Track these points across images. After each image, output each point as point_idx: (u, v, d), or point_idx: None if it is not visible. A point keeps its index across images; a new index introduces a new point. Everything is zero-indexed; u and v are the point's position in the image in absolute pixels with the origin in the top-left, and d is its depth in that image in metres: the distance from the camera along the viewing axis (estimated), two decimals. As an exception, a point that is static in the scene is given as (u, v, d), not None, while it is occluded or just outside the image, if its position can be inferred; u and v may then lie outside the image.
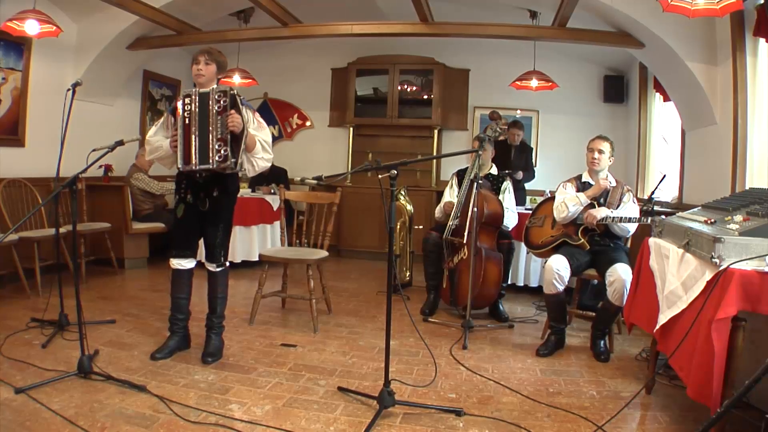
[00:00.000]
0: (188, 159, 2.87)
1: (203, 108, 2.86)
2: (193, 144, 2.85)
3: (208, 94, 2.87)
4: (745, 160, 3.68)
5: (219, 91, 2.87)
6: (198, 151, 2.85)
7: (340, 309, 4.24)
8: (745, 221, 2.14)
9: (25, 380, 2.56)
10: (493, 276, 3.98)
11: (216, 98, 2.86)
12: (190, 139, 2.86)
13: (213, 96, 2.87)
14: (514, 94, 6.09)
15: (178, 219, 3.07)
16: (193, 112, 2.86)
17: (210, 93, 2.87)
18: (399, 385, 2.73)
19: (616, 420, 2.41)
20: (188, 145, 2.87)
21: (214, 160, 2.83)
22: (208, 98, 2.87)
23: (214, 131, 2.84)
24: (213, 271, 3.12)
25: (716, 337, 1.92)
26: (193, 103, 2.87)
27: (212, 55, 2.99)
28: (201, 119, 2.85)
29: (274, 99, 7.30)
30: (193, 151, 2.85)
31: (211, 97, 2.86)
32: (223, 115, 2.84)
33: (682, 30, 4.08)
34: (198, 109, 2.86)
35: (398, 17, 5.37)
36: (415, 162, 4.74)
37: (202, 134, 2.85)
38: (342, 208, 5.40)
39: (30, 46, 4.75)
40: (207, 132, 2.84)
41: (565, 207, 3.53)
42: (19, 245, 4.14)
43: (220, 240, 3.09)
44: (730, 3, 2.84)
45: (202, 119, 2.85)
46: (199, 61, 2.96)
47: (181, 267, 3.08)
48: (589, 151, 3.59)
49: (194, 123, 2.86)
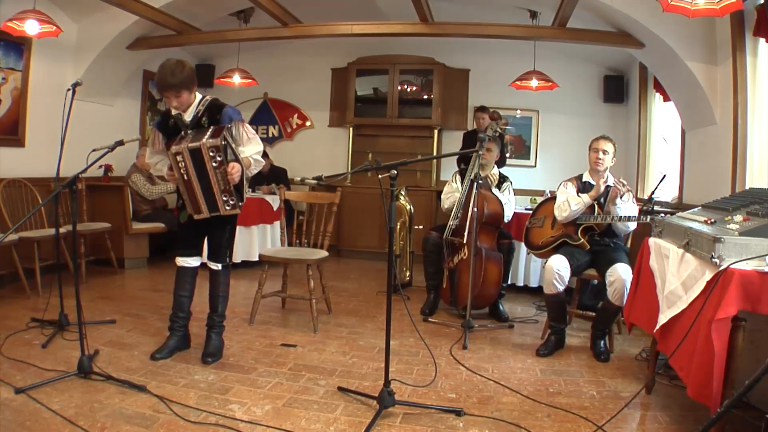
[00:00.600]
0: (198, 209, 2.87)
1: (199, 165, 2.77)
2: (199, 197, 2.84)
3: (200, 151, 2.74)
4: (745, 160, 3.67)
5: (211, 147, 2.74)
6: (206, 202, 2.85)
7: (340, 309, 4.24)
8: (745, 221, 2.14)
9: (25, 380, 2.56)
10: (493, 276, 3.98)
11: (210, 155, 2.75)
12: (195, 193, 2.84)
13: (206, 153, 2.74)
14: (514, 94, 6.09)
15: (180, 224, 3.07)
16: (190, 170, 2.78)
17: (201, 149, 2.73)
18: (399, 385, 2.73)
19: (616, 420, 2.41)
20: (194, 198, 2.85)
21: (225, 208, 2.87)
22: (201, 155, 2.75)
23: (217, 185, 2.81)
24: (215, 270, 3.11)
25: (716, 337, 1.92)
26: (186, 160, 2.77)
27: (176, 87, 2.78)
28: (200, 176, 2.79)
29: (274, 99, 7.30)
30: (201, 203, 2.85)
31: (205, 154, 2.74)
32: (221, 168, 2.77)
33: (682, 30, 4.08)
34: (194, 167, 2.78)
35: (398, 17, 5.37)
36: (415, 162, 4.74)
37: (206, 188, 2.82)
38: (342, 208, 5.41)
39: (30, 46, 4.75)
40: (210, 187, 2.81)
41: (567, 206, 3.53)
42: (19, 245, 4.14)
43: (227, 240, 3.10)
44: (730, 3, 2.84)
45: (201, 176, 2.79)
46: (169, 98, 2.83)
47: (187, 264, 3.08)
48: (593, 151, 3.58)
49: (194, 179, 2.80)
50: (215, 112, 2.91)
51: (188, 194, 2.86)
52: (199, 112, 2.92)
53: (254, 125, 7.33)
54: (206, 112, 2.91)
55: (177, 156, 2.77)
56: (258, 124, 7.32)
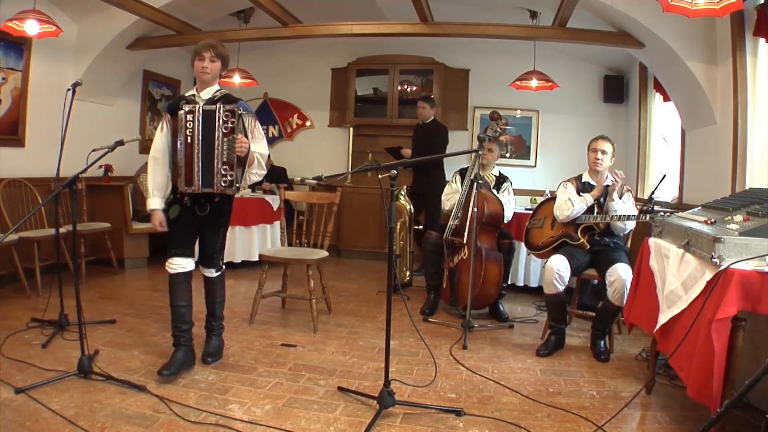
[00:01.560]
0: (190, 180, 2.71)
1: (208, 128, 2.68)
2: (195, 165, 2.69)
3: (214, 114, 2.68)
4: (745, 160, 3.67)
5: (227, 111, 2.68)
6: (202, 174, 2.70)
7: (340, 309, 4.24)
8: (745, 221, 2.14)
9: (25, 380, 2.56)
10: (493, 276, 3.98)
11: (224, 119, 2.67)
12: (193, 160, 2.69)
13: (219, 115, 2.68)
14: (514, 94, 6.08)
15: (171, 219, 2.89)
16: (197, 131, 2.68)
17: (216, 112, 2.68)
18: (399, 385, 2.73)
19: (616, 420, 2.41)
20: (191, 166, 2.69)
21: (219, 185, 2.71)
22: (213, 118, 2.68)
23: (220, 155, 2.68)
24: (211, 277, 3.02)
25: (716, 337, 1.92)
26: (196, 121, 2.68)
27: (218, 50, 2.78)
28: (206, 140, 2.68)
29: (274, 99, 7.30)
30: (196, 173, 2.70)
31: (218, 117, 2.67)
32: (230, 137, 2.67)
33: (682, 30, 4.08)
34: (202, 129, 2.68)
35: (398, 17, 5.36)
36: (415, 162, 4.77)
37: (207, 156, 2.69)
38: (342, 208, 5.40)
39: (30, 46, 4.74)
40: (212, 155, 2.68)
41: (570, 205, 3.52)
42: (19, 245, 4.14)
43: (220, 245, 3.00)
44: (730, 3, 2.84)
45: (207, 140, 2.68)
46: (203, 57, 2.74)
47: (182, 269, 2.86)
48: (592, 151, 3.59)
49: (197, 143, 2.68)
50: (229, 101, 2.80)
51: (186, 161, 2.69)
52: (215, 98, 2.81)
53: (254, 125, 7.35)
54: (222, 100, 2.79)
55: (188, 115, 2.67)
56: (258, 124, 7.32)
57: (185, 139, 2.69)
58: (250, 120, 2.81)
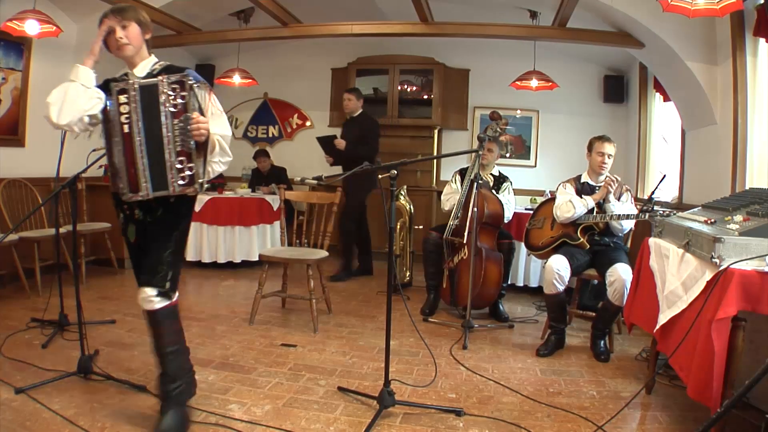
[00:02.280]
0: (136, 185, 2.03)
1: (151, 110, 2.00)
2: (140, 164, 2.01)
3: (156, 89, 2.00)
4: (745, 160, 3.67)
5: (173, 83, 2.00)
6: (150, 174, 2.02)
7: (340, 309, 4.24)
8: (745, 221, 2.15)
9: (25, 380, 2.56)
10: (493, 276, 3.98)
11: (170, 93, 2.00)
12: (135, 156, 2.01)
13: (164, 90, 2.00)
14: (514, 94, 6.08)
15: (131, 244, 2.26)
16: (136, 117, 2.01)
17: (158, 87, 2.00)
18: (399, 385, 2.73)
19: (616, 420, 2.41)
20: (133, 166, 2.02)
21: (176, 185, 2.02)
22: (156, 94, 2.00)
23: (172, 143, 2.01)
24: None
25: (716, 337, 1.92)
26: (132, 101, 2.00)
27: (125, 13, 2.11)
28: (149, 127, 2.00)
29: (274, 99, 7.29)
30: (142, 174, 2.02)
31: (161, 92, 2.00)
32: (182, 117, 2.00)
33: (682, 30, 4.08)
34: (143, 112, 2.01)
35: (398, 17, 5.36)
36: (415, 162, 4.76)
37: (155, 149, 2.01)
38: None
39: (30, 46, 4.74)
40: (161, 145, 2.01)
41: (571, 206, 3.52)
42: (19, 245, 4.14)
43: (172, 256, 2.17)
44: (730, 3, 2.84)
45: (150, 126, 2.00)
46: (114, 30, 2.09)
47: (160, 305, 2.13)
48: (598, 154, 3.59)
49: (138, 132, 2.01)
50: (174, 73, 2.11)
51: (126, 160, 2.03)
52: (155, 71, 2.16)
53: (254, 125, 7.34)
54: (164, 72, 2.14)
55: (121, 96, 2.01)
56: (258, 124, 7.32)
57: (121, 130, 2.02)
58: (204, 93, 2.12)
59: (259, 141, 7.28)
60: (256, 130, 7.34)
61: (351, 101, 5.33)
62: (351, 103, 5.33)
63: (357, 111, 5.39)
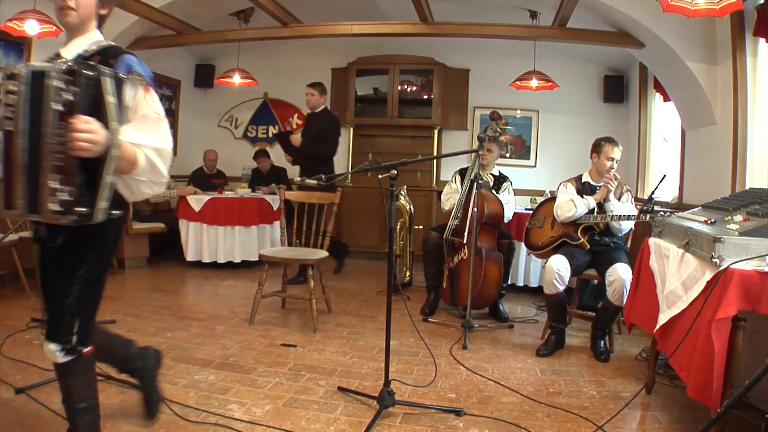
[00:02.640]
0: (10, 201, 1.58)
1: (37, 103, 1.51)
2: (18, 174, 1.55)
3: (44, 75, 1.50)
4: (745, 160, 3.67)
5: (65, 71, 1.49)
6: (27, 190, 1.55)
7: (340, 309, 4.24)
8: (745, 221, 2.14)
9: (25, 380, 2.56)
10: (493, 276, 3.98)
11: (58, 86, 1.48)
12: (14, 163, 1.55)
13: (53, 81, 1.49)
14: (514, 94, 6.08)
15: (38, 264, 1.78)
16: (22, 112, 1.53)
17: (47, 73, 1.50)
18: (399, 385, 2.73)
19: (616, 420, 2.41)
20: (10, 177, 1.57)
21: (49, 209, 1.51)
22: (43, 84, 1.50)
23: (49, 151, 1.50)
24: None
25: (716, 337, 1.92)
26: (21, 93, 1.53)
27: None
28: (34, 127, 1.52)
29: (274, 99, 7.29)
30: (19, 188, 1.56)
31: (49, 84, 1.49)
32: (67, 119, 1.48)
33: (682, 30, 4.08)
34: (30, 108, 1.53)
35: (398, 17, 5.36)
36: (415, 162, 4.74)
37: (34, 158, 1.53)
38: (342, 208, 5.40)
39: (30, 46, 4.74)
40: (38, 151, 1.52)
41: (572, 206, 3.52)
42: (19, 245, 4.14)
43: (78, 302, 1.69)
44: (730, 3, 2.84)
45: (34, 127, 1.52)
46: None
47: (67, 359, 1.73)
48: (607, 159, 3.56)
49: (22, 133, 1.53)
50: (110, 57, 1.71)
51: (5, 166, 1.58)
52: (87, 53, 1.73)
53: (254, 125, 7.33)
54: (98, 55, 1.72)
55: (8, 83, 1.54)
56: (258, 124, 7.32)
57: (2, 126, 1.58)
58: (135, 89, 1.68)
59: (259, 141, 7.28)
60: (256, 130, 7.34)
61: (314, 96, 5.00)
62: (313, 98, 5.00)
63: (319, 107, 5.07)
